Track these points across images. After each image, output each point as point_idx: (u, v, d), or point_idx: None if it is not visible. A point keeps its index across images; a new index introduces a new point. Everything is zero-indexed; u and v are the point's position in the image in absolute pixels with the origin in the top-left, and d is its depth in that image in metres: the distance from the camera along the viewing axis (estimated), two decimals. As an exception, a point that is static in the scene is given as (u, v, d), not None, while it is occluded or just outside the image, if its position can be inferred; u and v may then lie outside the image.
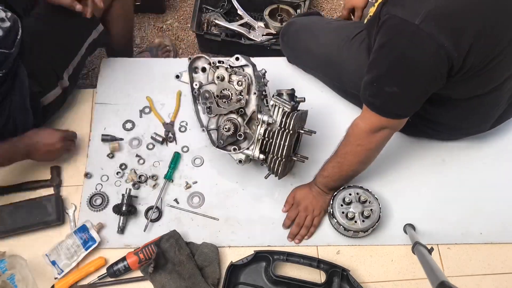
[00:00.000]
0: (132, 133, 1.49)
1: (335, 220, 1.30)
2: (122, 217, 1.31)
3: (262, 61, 1.62)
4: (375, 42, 1.10)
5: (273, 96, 1.26)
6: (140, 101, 1.55)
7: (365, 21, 1.38)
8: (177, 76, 1.31)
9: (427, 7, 0.97)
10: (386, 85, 1.08)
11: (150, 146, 1.46)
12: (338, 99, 1.56)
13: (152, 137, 1.46)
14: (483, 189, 1.43)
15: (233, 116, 1.27)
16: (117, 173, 1.41)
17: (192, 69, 1.32)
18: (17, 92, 1.25)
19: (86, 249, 1.27)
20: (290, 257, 1.27)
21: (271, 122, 1.22)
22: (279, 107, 1.24)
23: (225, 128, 1.24)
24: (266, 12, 1.76)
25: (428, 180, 1.44)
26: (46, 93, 1.36)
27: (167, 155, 1.45)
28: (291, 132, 1.20)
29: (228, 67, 1.25)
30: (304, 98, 1.31)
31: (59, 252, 1.27)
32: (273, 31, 1.74)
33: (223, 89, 1.26)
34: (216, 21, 1.78)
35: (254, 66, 1.27)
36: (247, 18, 1.76)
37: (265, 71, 1.35)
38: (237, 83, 1.24)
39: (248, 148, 1.24)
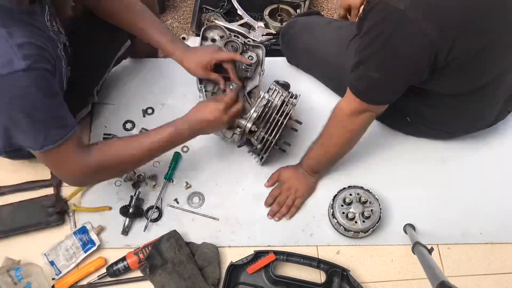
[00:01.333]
0: (133, 132, 1.48)
1: (336, 220, 1.30)
2: (128, 219, 1.31)
3: (262, 61, 1.63)
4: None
5: (273, 82, 1.32)
6: (140, 101, 1.55)
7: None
8: (183, 38, 1.32)
9: None
10: (369, 70, 1.09)
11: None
12: (337, 100, 1.55)
13: None
14: (483, 189, 1.43)
15: (234, 84, 1.28)
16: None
17: (204, 37, 1.35)
18: None
19: (85, 252, 1.26)
20: (290, 257, 1.27)
21: (271, 100, 1.27)
22: (278, 92, 1.29)
23: (232, 85, 1.24)
24: (266, 12, 1.76)
25: (428, 180, 1.44)
26: (79, 111, 1.38)
27: (167, 154, 1.44)
28: (290, 112, 1.26)
29: (243, 43, 1.31)
30: (299, 95, 1.34)
31: (57, 252, 1.26)
32: (273, 31, 1.74)
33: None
34: (216, 21, 1.78)
35: (263, 51, 1.33)
36: (247, 18, 1.76)
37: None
38: (248, 57, 1.30)
39: (242, 117, 1.26)
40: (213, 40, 1.34)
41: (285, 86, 1.35)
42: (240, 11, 1.77)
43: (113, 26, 1.32)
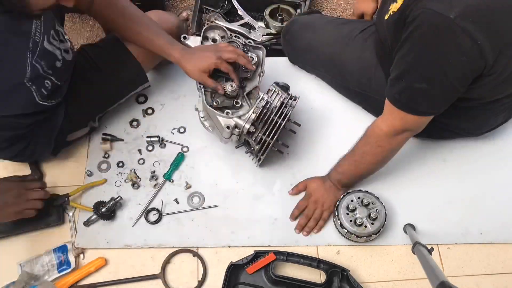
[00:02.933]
0: (134, 133, 1.49)
1: (346, 230, 1.29)
2: (95, 216, 1.31)
3: (262, 61, 1.63)
4: (400, 39, 1.07)
5: (273, 84, 1.32)
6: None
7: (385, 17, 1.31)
8: (184, 38, 1.31)
9: (465, 2, 0.94)
10: (415, 81, 1.05)
11: (150, 148, 1.46)
12: (338, 100, 1.56)
13: (147, 141, 1.46)
14: (483, 189, 1.43)
15: (233, 83, 1.27)
16: (118, 173, 1.41)
17: (205, 37, 1.34)
18: (49, 125, 1.25)
19: (59, 272, 1.24)
20: (290, 257, 1.27)
21: (270, 101, 1.26)
22: (277, 94, 1.30)
23: (231, 86, 1.23)
24: (267, 12, 1.76)
25: (429, 180, 1.44)
26: (75, 131, 1.37)
27: (167, 154, 1.45)
28: (289, 114, 1.27)
29: (243, 43, 1.30)
30: (299, 97, 1.34)
31: (32, 266, 1.24)
32: (273, 31, 1.74)
33: None
34: (217, 22, 1.78)
35: (264, 52, 1.33)
36: (247, 18, 1.76)
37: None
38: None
39: (240, 117, 1.24)
40: (214, 40, 1.34)
41: (285, 87, 1.35)
42: (240, 11, 1.77)
43: (138, 64, 1.32)
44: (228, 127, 1.24)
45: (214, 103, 1.24)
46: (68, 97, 1.25)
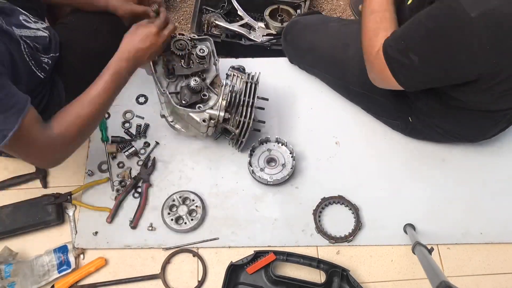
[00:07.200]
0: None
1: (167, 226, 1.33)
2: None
3: (262, 62, 1.64)
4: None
5: (229, 68, 1.36)
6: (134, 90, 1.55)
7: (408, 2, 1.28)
8: None
9: (489, 4, 0.94)
10: (411, 50, 1.06)
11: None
12: (337, 100, 1.56)
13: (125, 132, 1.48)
14: (483, 189, 1.43)
15: (196, 77, 1.28)
16: (118, 174, 1.41)
17: None
18: (55, 102, 1.24)
19: (59, 272, 1.25)
20: (290, 257, 1.27)
21: (234, 85, 1.29)
22: (237, 76, 1.33)
23: (195, 80, 1.25)
24: (267, 12, 1.76)
25: (428, 180, 1.44)
26: None
27: (167, 155, 1.44)
28: (256, 89, 1.30)
29: (189, 39, 1.31)
30: (259, 72, 1.37)
31: (33, 266, 1.25)
32: (273, 32, 1.74)
33: (184, 54, 1.28)
34: (216, 22, 1.78)
35: (211, 41, 1.34)
36: (247, 19, 1.76)
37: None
38: (199, 50, 1.30)
39: (212, 108, 1.26)
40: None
41: (242, 68, 1.38)
42: (240, 11, 1.77)
43: (117, 19, 1.30)
44: (204, 121, 1.24)
45: (183, 102, 1.25)
46: (64, 74, 1.25)
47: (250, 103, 1.29)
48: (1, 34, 0.99)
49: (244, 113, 1.28)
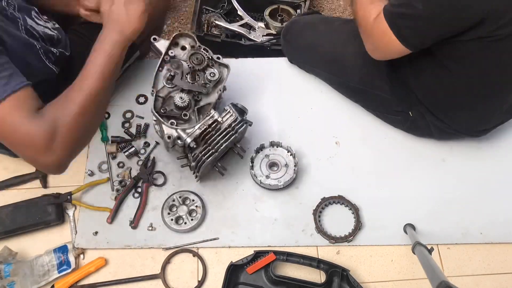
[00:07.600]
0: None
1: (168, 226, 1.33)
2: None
3: (262, 62, 1.64)
4: None
5: (229, 104, 1.27)
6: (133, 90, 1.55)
7: None
8: (154, 39, 1.28)
9: None
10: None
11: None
12: (337, 100, 1.56)
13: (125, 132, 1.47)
14: (483, 189, 1.43)
15: (189, 96, 1.25)
16: (118, 174, 1.41)
17: (175, 43, 1.29)
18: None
19: (59, 272, 1.24)
20: (290, 257, 1.27)
21: (219, 121, 1.22)
22: (231, 114, 1.25)
23: (181, 98, 1.21)
24: (267, 12, 1.76)
25: (428, 180, 1.44)
26: None
27: (167, 155, 1.44)
28: (236, 136, 1.23)
29: (210, 57, 1.26)
30: (252, 123, 1.33)
31: (33, 266, 1.24)
32: (273, 32, 1.74)
33: (196, 69, 1.24)
34: (216, 22, 1.78)
35: (229, 70, 1.29)
36: (247, 19, 1.76)
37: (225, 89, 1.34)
38: (210, 74, 1.26)
39: (185, 131, 1.20)
40: (183, 48, 1.29)
41: (241, 111, 1.31)
42: (240, 11, 1.77)
43: None
44: (169, 137, 1.20)
45: (162, 110, 1.21)
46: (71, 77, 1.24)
47: (219, 145, 1.21)
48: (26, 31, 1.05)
49: (205, 152, 1.21)
